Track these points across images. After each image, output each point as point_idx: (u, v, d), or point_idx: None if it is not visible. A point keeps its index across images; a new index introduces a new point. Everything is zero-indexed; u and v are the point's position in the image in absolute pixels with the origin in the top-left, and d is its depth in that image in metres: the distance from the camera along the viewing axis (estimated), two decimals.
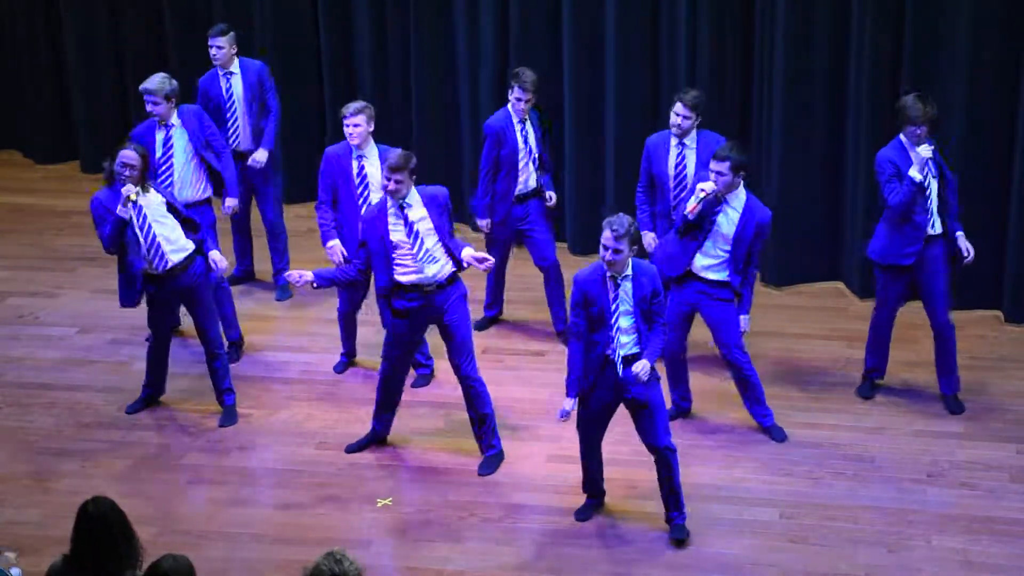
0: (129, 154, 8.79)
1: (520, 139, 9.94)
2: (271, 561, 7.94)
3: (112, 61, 13.35)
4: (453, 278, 8.62)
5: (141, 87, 9.90)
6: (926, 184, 8.89)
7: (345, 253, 9.51)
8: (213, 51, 10.62)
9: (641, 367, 7.76)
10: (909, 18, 10.16)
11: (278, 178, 11.00)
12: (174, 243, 8.96)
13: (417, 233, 8.46)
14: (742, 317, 8.82)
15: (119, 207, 8.76)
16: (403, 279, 8.55)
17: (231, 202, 10.20)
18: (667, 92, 11.08)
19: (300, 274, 8.49)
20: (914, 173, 8.83)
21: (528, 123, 9.98)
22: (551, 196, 10.23)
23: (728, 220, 8.63)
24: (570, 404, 7.94)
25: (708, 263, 8.74)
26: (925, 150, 8.82)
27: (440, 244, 8.53)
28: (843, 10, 10.43)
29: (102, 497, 6.33)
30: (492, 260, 8.71)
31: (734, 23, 10.88)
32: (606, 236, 7.68)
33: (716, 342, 8.98)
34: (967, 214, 10.24)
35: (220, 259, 9.11)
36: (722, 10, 10.84)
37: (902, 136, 8.92)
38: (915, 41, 10.17)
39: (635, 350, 7.85)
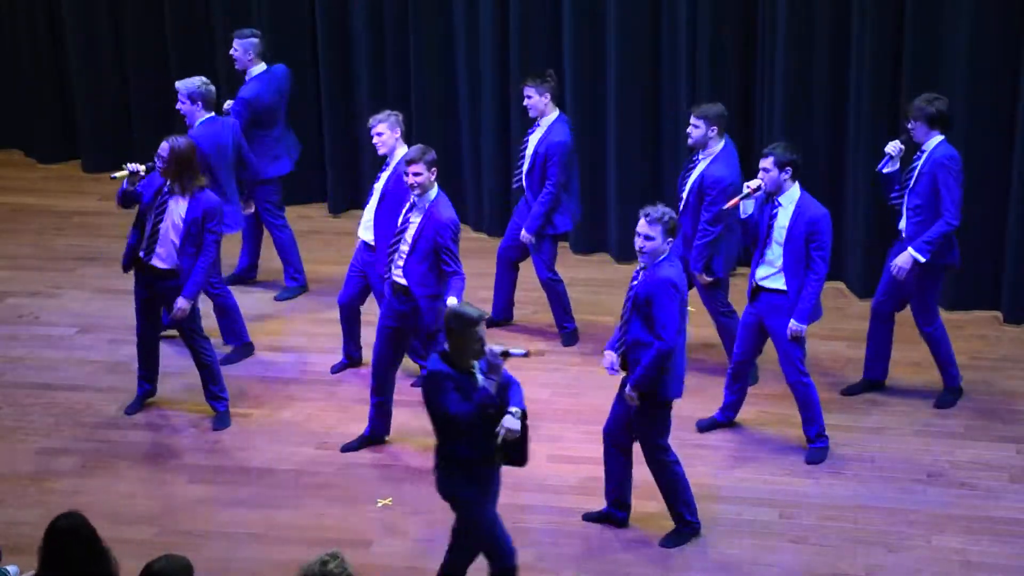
0: (163, 145, 8.89)
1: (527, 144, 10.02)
2: (271, 561, 7.93)
3: (113, 61, 13.34)
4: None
5: (177, 84, 10.01)
6: (898, 177, 8.94)
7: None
8: (231, 51, 10.68)
9: (627, 396, 7.80)
10: (909, 18, 10.17)
11: (275, 189, 10.88)
12: (165, 251, 8.96)
13: (405, 229, 8.57)
14: (791, 322, 8.50)
15: (118, 173, 8.95)
16: (394, 275, 8.69)
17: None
18: (667, 93, 11.09)
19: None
20: (879, 165, 8.94)
21: (539, 130, 9.95)
22: (524, 235, 10.00)
23: (779, 222, 8.54)
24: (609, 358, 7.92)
25: (767, 272, 8.62)
26: (889, 146, 8.91)
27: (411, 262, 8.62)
28: (843, 10, 10.43)
29: (73, 512, 6.19)
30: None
31: (734, 23, 10.88)
32: (640, 224, 7.64)
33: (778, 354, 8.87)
34: (967, 215, 10.24)
35: (183, 307, 8.93)
36: (722, 10, 10.84)
37: None
38: (915, 41, 10.17)
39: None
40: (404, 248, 8.65)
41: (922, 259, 8.88)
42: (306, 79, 12.38)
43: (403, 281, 8.67)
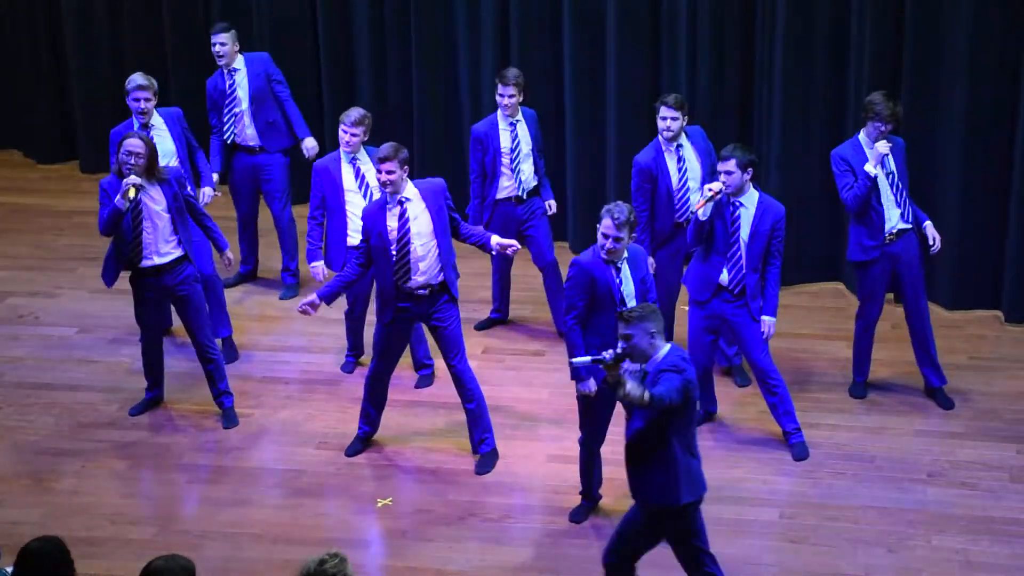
0: (134, 142, 8.75)
1: (508, 140, 9.96)
2: (271, 561, 7.94)
3: (112, 61, 13.34)
4: (444, 284, 8.59)
5: (132, 85, 9.87)
6: (887, 178, 8.96)
7: (326, 273, 9.54)
8: (216, 48, 10.64)
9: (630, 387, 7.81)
10: (909, 18, 10.17)
11: (286, 174, 10.95)
12: (161, 244, 8.93)
13: (408, 232, 8.46)
14: (764, 319, 8.68)
15: (118, 196, 8.70)
16: (433, 280, 8.59)
17: (208, 191, 10.24)
18: (667, 92, 11.07)
19: (306, 303, 8.57)
20: (869, 168, 8.93)
21: (521, 123, 9.98)
22: (551, 205, 10.26)
23: (744, 221, 8.59)
24: (588, 385, 7.94)
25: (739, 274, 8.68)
26: (883, 146, 8.92)
27: (436, 245, 8.50)
28: (843, 10, 10.44)
29: (49, 536, 6.08)
30: (516, 245, 8.66)
31: (734, 23, 10.89)
32: (607, 224, 7.70)
33: (742, 351, 8.95)
34: (967, 214, 10.28)
35: (230, 256, 9.20)
36: (722, 10, 10.84)
37: (861, 134, 9.04)
38: (915, 41, 10.18)
39: None
40: (420, 251, 8.49)
41: None
42: (307, 79, 12.38)
43: (439, 281, 8.56)
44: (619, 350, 6.78)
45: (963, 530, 8.11)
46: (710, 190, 8.55)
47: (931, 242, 9.14)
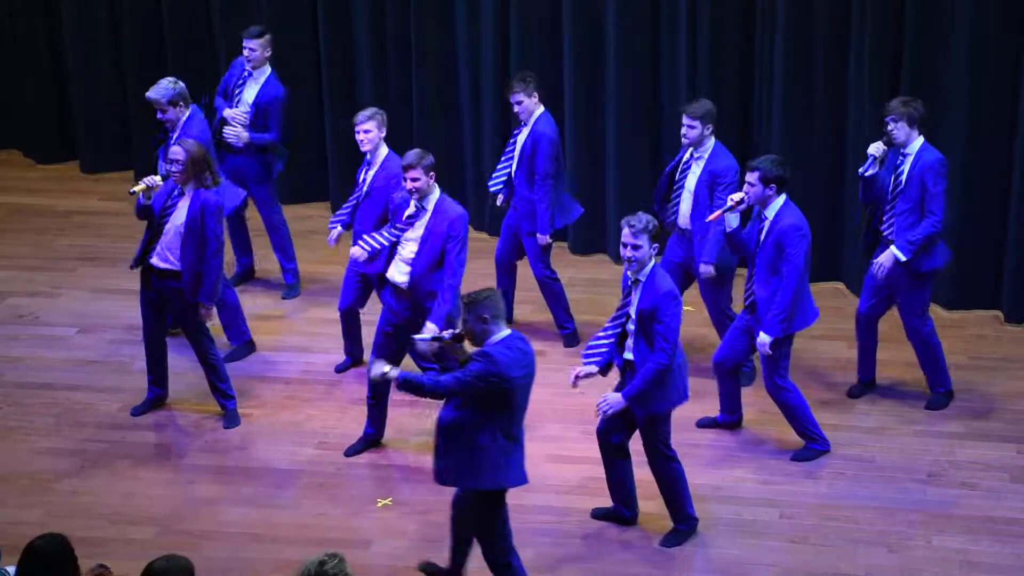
0: (175, 149, 8.88)
1: (510, 140, 10.01)
2: (271, 561, 7.94)
3: (112, 61, 13.34)
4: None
5: (147, 95, 9.85)
6: (879, 179, 8.95)
7: (342, 231, 9.63)
8: (245, 52, 10.64)
9: (612, 400, 7.81)
10: (909, 18, 10.17)
11: (270, 180, 10.91)
12: (168, 252, 8.94)
13: (405, 233, 8.55)
14: (760, 335, 8.49)
15: (136, 187, 8.87)
16: (397, 280, 8.70)
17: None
18: (667, 93, 11.09)
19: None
20: (861, 168, 8.94)
21: (523, 135, 9.94)
22: (541, 238, 10.04)
23: (765, 233, 8.54)
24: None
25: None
26: (873, 147, 8.90)
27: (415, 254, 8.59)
28: (843, 10, 10.44)
29: (54, 534, 6.05)
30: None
31: (734, 23, 10.88)
32: (624, 234, 7.68)
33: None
34: (967, 214, 10.27)
35: (204, 311, 9.05)
36: (722, 10, 10.84)
37: None
38: (915, 41, 10.18)
39: (628, 356, 7.88)
40: (409, 252, 8.62)
41: (903, 257, 8.90)
42: (308, 79, 12.39)
43: (404, 283, 8.64)
44: (456, 331, 7.19)
45: (963, 530, 8.11)
46: (731, 199, 8.53)
47: (876, 266, 9.00)
